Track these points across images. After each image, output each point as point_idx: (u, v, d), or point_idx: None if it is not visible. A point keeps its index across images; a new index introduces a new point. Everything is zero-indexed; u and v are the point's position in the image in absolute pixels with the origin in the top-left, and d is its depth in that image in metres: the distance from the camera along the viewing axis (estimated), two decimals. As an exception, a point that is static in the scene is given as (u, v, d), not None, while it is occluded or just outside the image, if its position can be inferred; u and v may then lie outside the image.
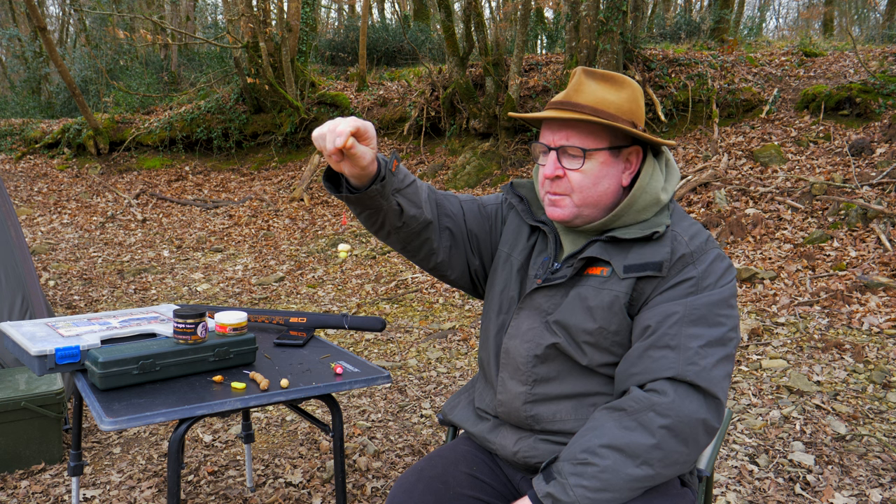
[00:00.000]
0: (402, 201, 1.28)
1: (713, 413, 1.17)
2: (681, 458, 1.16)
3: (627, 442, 1.14)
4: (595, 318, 1.26)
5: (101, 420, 1.36)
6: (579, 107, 1.28)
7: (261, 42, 10.11)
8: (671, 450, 1.15)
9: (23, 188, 9.78)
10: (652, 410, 1.15)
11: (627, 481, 1.14)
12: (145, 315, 2.00)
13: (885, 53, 8.32)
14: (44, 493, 2.48)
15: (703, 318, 1.20)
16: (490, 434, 1.39)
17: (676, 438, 1.15)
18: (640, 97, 1.33)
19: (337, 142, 1.12)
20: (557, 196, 1.31)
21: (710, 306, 1.21)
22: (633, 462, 1.14)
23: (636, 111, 1.31)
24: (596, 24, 7.72)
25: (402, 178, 1.29)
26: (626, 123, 1.28)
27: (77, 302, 5.40)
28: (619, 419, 1.17)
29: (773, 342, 3.79)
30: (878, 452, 2.64)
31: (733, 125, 7.69)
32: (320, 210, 8.50)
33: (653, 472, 1.15)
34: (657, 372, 1.18)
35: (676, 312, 1.20)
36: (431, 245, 1.37)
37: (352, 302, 5.22)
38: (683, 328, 1.19)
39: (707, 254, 1.25)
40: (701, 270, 1.23)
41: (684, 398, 1.15)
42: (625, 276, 1.25)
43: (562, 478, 1.15)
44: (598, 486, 1.13)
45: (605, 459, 1.14)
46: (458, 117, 9.41)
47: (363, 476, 2.63)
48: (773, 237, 5.24)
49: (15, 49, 16.68)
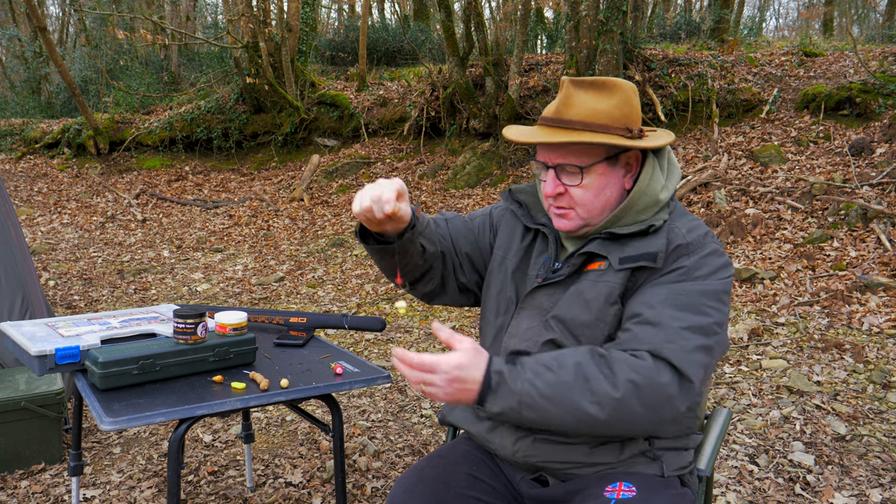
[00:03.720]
0: (424, 242, 1.36)
1: (683, 395, 1.15)
2: (635, 419, 1.15)
3: (595, 375, 1.14)
4: (591, 311, 1.27)
5: (101, 420, 1.36)
6: (570, 123, 1.27)
7: (261, 42, 10.11)
8: (629, 405, 1.13)
9: (23, 188, 9.78)
10: (626, 364, 1.15)
11: (574, 408, 1.13)
12: (145, 315, 2.00)
13: (885, 53, 8.32)
14: (44, 493, 2.48)
15: (688, 305, 1.20)
16: (489, 434, 1.39)
17: (638, 397, 1.13)
18: (632, 97, 1.31)
19: (385, 209, 1.19)
20: (563, 209, 1.32)
21: (697, 294, 1.21)
22: (591, 396, 1.13)
23: (630, 114, 1.30)
24: (596, 24, 7.72)
25: (423, 221, 1.36)
26: (619, 131, 1.27)
27: (77, 302, 5.40)
28: (597, 358, 1.17)
29: (773, 342, 3.79)
30: (878, 452, 2.64)
31: (733, 125, 7.69)
32: (320, 210, 8.50)
33: (602, 416, 1.13)
34: (637, 343, 1.19)
35: (661, 294, 1.21)
36: (434, 273, 1.44)
37: (352, 302, 5.22)
38: (667, 309, 1.19)
39: (704, 247, 1.26)
40: (694, 261, 1.24)
41: (659, 369, 1.15)
42: (620, 267, 1.26)
43: (522, 368, 1.15)
44: (548, 393, 1.13)
45: (568, 376, 1.14)
46: (458, 117, 9.41)
47: (363, 476, 2.63)
48: (773, 237, 5.24)
49: (15, 49, 16.67)
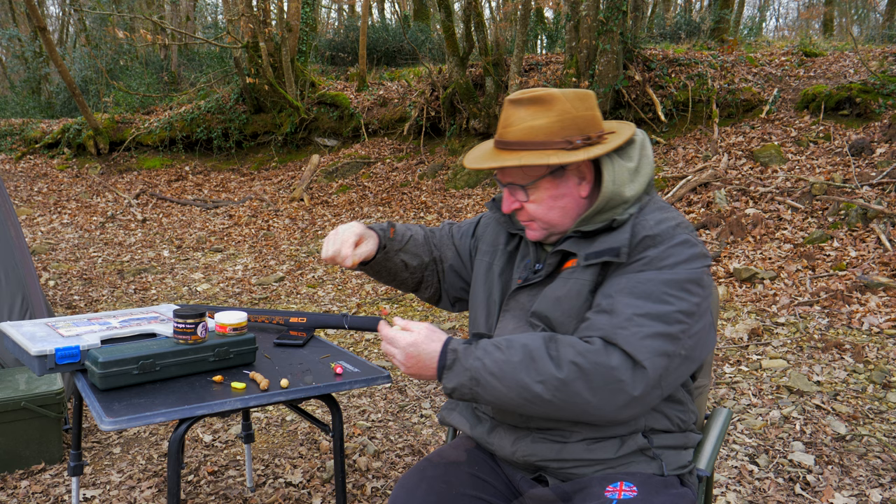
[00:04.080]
0: (404, 258, 1.55)
1: (636, 380, 1.15)
2: (580, 403, 1.16)
3: (541, 357, 1.18)
4: (562, 308, 1.29)
5: (101, 420, 1.36)
6: (510, 144, 1.31)
7: (261, 42, 10.11)
8: (573, 386, 1.16)
9: (23, 188, 9.78)
10: (571, 346, 1.18)
11: (520, 387, 1.18)
12: (145, 315, 2.00)
13: (885, 53, 8.32)
14: (44, 493, 2.48)
15: (647, 293, 1.20)
16: (489, 436, 1.40)
17: (583, 380, 1.15)
18: (575, 107, 1.29)
19: (346, 264, 1.43)
20: (525, 222, 1.38)
21: (658, 283, 1.20)
22: (536, 375, 1.17)
23: (573, 123, 1.28)
24: (596, 24, 7.72)
25: (401, 238, 1.54)
26: (560, 145, 1.27)
27: (77, 302, 5.40)
28: (546, 340, 1.21)
29: (773, 342, 3.79)
30: (878, 452, 2.64)
31: (733, 125, 7.69)
32: (320, 210, 8.50)
33: (547, 396, 1.17)
34: (591, 330, 1.22)
35: (621, 283, 1.23)
36: (430, 281, 1.61)
37: (352, 302, 5.22)
38: (624, 297, 1.21)
39: (673, 238, 1.24)
40: (661, 251, 1.23)
41: (608, 353, 1.17)
42: (585, 263, 1.28)
43: (475, 347, 1.23)
44: (495, 371, 1.19)
45: (515, 356, 1.19)
46: (458, 117, 9.41)
47: (363, 476, 2.63)
48: (773, 237, 5.24)
49: (15, 49, 16.67)
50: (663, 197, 6.49)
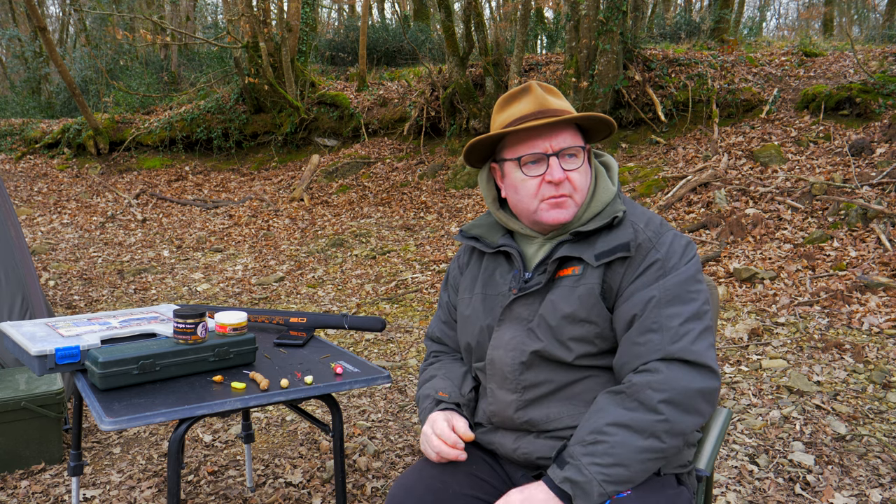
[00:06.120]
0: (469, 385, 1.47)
1: (708, 381, 1.21)
2: (686, 428, 1.20)
3: (632, 418, 1.18)
4: (575, 314, 1.29)
5: (101, 420, 1.36)
6: (558, 112, 1.35)
7: (261, 42, 10.11)
8: (675, 421, 1.18)
9: (23, 188, 9.78)
10: (649, 388, 1.19)
11: (638, 453, 1.17)
12: (145, 315, 2.00)
13: (884, 53, 8.32)
14: (44, 493, 2.48)
15: (677, 298, 1.25)
16: (489, 436, 1.41)
17: (677, 409, 1.18)
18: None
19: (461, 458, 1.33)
20: (563, 198, 1.34)
21: (680, 285, 1.26)
22: (641, 436, 1.17)
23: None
24: (596, 24, 7.72)
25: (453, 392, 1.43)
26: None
27: (77, 302, 5.40)
28: (621, 401, 1.22)
29: (773, 342, 3.79)
30: (878, 452, 2.64)
31: (733, 125, 7.69)
32: (320, 210, 8.50)
33: (661, 443, 1.18)
34: (646, 355, 1.23)
35: (654, 297, 1.25)
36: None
37: (352, 302, 5.22)
38: (662, 310, 1.24)
39: (664, 235, 1.31)
40: (664, 252, 1.28)
41: (676, 373, 1.20)
42: (597, 263, 1.29)
43: (574, 460, 1.19)
44: (611, 461, 1.16)
45: (614, 436, 1.18)
46: (458, 117, 9.41)
47: (363, 476, 2.63)
48: (773, 237, 5.24)
49: (15, 49, 16.67)
50: (664, 197, 6.50)
